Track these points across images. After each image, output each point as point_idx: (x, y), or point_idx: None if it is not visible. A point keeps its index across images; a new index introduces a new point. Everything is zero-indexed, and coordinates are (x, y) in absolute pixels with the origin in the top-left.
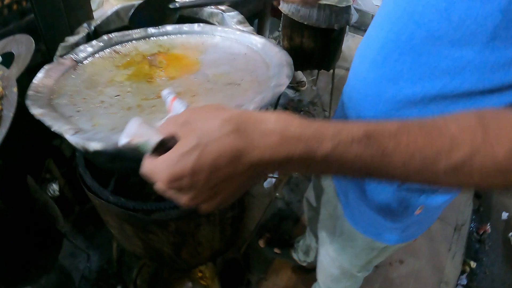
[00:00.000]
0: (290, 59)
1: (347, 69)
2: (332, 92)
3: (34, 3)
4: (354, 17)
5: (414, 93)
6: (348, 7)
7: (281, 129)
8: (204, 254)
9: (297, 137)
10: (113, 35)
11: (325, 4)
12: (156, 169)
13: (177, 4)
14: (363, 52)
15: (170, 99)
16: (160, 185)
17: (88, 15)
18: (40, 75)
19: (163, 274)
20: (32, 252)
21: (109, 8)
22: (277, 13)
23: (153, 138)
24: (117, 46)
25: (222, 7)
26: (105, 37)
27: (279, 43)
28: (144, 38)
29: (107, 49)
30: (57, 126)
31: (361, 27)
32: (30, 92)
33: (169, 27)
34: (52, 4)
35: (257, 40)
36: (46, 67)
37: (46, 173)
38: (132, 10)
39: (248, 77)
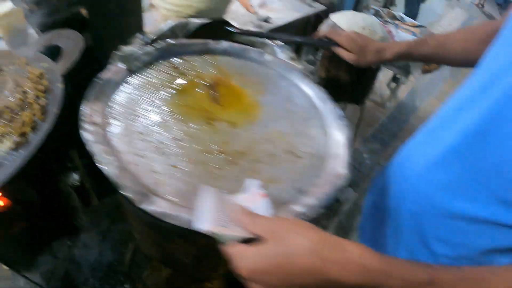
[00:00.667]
0: (346, 123)
1: (372, 101)
2: (359, 124)
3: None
4: None
5: (471, 212)
6: (407, 66)
7: (362, 264)
8: (220, 269)
9: (375, 271)
10: (172, 41)
11: None
12: (244, 258)
13: (233, 29)
14: (420, 149)
15: (258, 192)
16: (241, 271)
17: (139, 22)
18: (93, 93)
19: (173, 279)
20: (49, 240)
21: (157, 14)
22: None
23: (237, 235)
24: (174, 59)
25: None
26: (163, 43)
27: (316, 71)
28: (203, 52)
29: (164, 61)
30: (128, 191)
31: (394, 63)
32: (84, 120)
33: (227, 45)
34: (106, 4)
35: (316, 92)
36: (99, 81)
37: (67, 162)
38: (188, 28)
39: (307, 147)
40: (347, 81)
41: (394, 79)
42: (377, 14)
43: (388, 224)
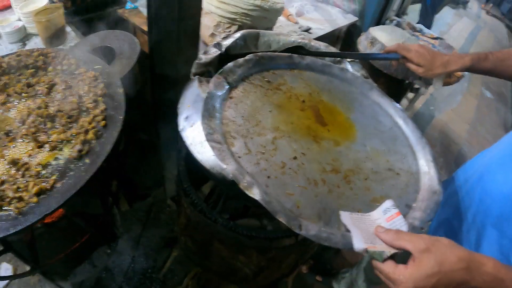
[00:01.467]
0: (426, 141)
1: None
2: None
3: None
4: None
5: None
6: None
7: (495, 273)
8: (274, 276)
9: (503, 280)
10: (260, 55)
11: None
12: (401, 277)
13: (305, 52)
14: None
15: (393, 212)
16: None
17: (196, 27)
18: (205, 108)
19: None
20: (92, 249)
21: (208, 20)
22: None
23: (389, 250)
24: (265, 73)
25: None
26: (252, 56)
27: None
28: (289, 67)
29: (257, 74)
30: (281, 217)
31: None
32: (207, 136)
33: (310, 60)
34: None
35: (396, 111)
36: (205, 94)
37: None
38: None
39: (402, 164)
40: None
41: (412, 89)
42: (399, 25)
43: (466, 236)
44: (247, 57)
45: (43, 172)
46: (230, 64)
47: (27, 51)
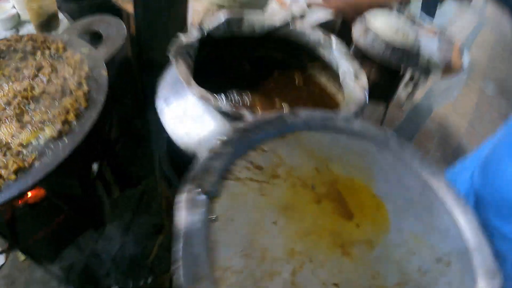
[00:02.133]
0: (466, 202)
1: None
2: (383, 125)
3: None
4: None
5: None
6: (419, 52)
7: None
8: None
9: None
10: (243, 126)
11: (399, 47)
12: None
13: None
14: None
15: None
16: None
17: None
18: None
19: None
20: (77, 233)
21: (198, 5)
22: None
23: None
24: (251, 154)
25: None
26: (235, 135)
27: None
28: (281, 133)
29: (241, 160)
30: None
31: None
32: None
33: (306, 116)
34: None
35: (423, 166)
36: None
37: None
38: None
39: (448, 245)
40: (377, 83)
41: (412, 79)
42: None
43: None
44: (225, 138)
45: (24, 151)
46: (202, 160)
47: (17, 36)
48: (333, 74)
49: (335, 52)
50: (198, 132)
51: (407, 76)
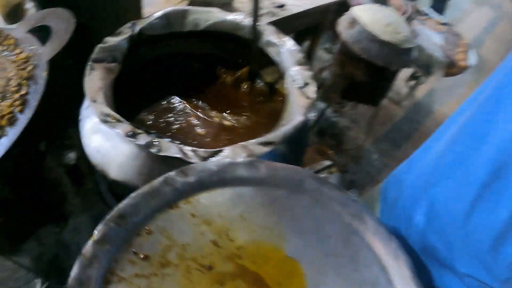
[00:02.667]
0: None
1: (388, 98)
2: (372, 124)
3: None
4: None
5: None
6: (410, 49)
7: None
8: None
9: None
10: (117, 213)
11: (388, 42)
12: None
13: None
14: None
15: None
16: None
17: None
18: None
19: None
20: (34, 228)
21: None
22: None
23: None
24: (135, 240)
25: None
26: (108, 227)
27: (330, 65)
28: (167, 204)
29: (124, 254)
30: None
31: (416, 62)
32: None
33: (199, 172)
34: None
35: (347, 203)
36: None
37: (66, 139)
38: (189, 20)
39: None
40: (364, 82)
41: (413, 77)
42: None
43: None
44: (98, 234)
45: None
46: (75, 271)
47: None
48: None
49: (286, 53)
50: (108, 151)
51: (407, 73)
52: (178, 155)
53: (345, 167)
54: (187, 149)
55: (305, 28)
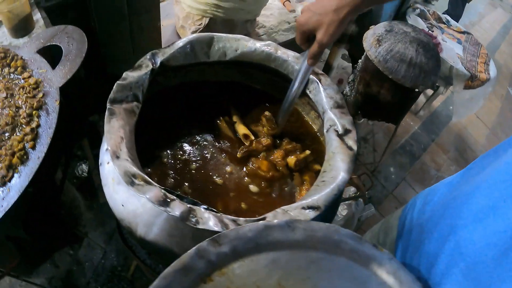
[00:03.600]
0: None
1: None
2: (392, 141)
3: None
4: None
5: None
6: (438, 69)
7: None
8: None
9: None
10: None
11: (415, 63)
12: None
13: None
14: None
15: None
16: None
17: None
18: None
19: None
20: (49, 251)
21: (178, 9)
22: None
23: None
24: None
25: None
26: None
27: (353, 81)
28: (201, 278)
29: None
30: None
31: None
32: None
33: (233, 239)
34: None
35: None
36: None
37: (77, 150)
38: (216, 47)
39: None
40: (387, 101)
41: (432, 88)
42: (422, 15)
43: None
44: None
45: None
46: None
47: None
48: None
49: (323, 93)
50: (135, 207)
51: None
52: (218, 229)
53: (369, 189)
54: (228, 219)
55: None
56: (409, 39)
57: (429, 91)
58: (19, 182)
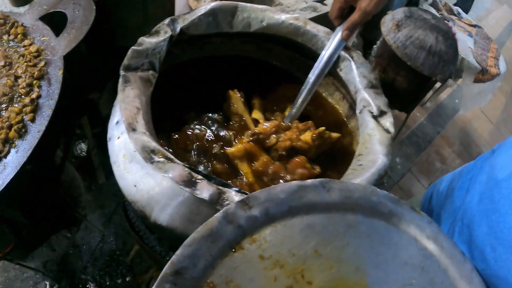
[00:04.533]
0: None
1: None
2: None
3: None
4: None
5: None
6: (456, 59)
7: None
8: None
9: None
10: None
11: (435, 51)
12: None
13: None
14: None
15: None
16: None
17: None
18: None
19: None
20: (46, 235)
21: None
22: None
23: None
24: None
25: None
26: None
27: None
28: (230, 246)
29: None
30: None
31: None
32: None
33: (265, 202)
34: None
35: (423, 228)
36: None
37: (76, 129)
38: (240, 18)
39: None
40: (403, 89)
41: (449, 77)
42: (434, 5)
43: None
44: None
45: None
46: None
47: None
48: (348, 97)
49: (355, 71)
50: (150, 187)
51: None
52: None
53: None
54: None
55: None
56: (429, 26)
57: (437, 83)
58: (16, 158)
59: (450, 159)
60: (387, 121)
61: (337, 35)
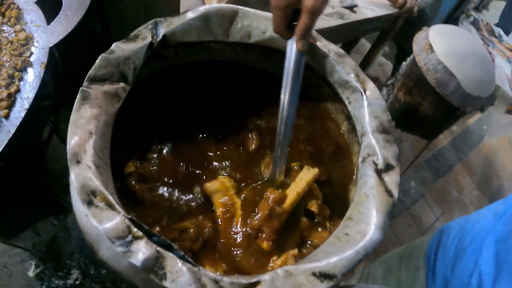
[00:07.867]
0: None
1: None
2: (420, 155)
3: None
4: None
5: None
6: (493, 97)
7: None
8: None
9: None
10: None
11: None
12: None
13: None
14: None
15: None
16: None
17: None
18: None
19: None
20: (31, 218)
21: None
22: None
23: None
24: None
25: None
26: None
27: (392, 85)
28: None
29: None
30: None
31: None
32: None
33: None
34: None
35: None
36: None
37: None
38: (238, 25)
39: None
40: (427, 115)
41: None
42: (475, 24)
43: None
44: None
45: None
46: None
47: None
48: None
49: (366, 108)
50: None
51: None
52: None
53: None
54: (207, 278)
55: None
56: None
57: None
58: None
59: (468, 189)
60: (393, 180)
61: (293, 51)
